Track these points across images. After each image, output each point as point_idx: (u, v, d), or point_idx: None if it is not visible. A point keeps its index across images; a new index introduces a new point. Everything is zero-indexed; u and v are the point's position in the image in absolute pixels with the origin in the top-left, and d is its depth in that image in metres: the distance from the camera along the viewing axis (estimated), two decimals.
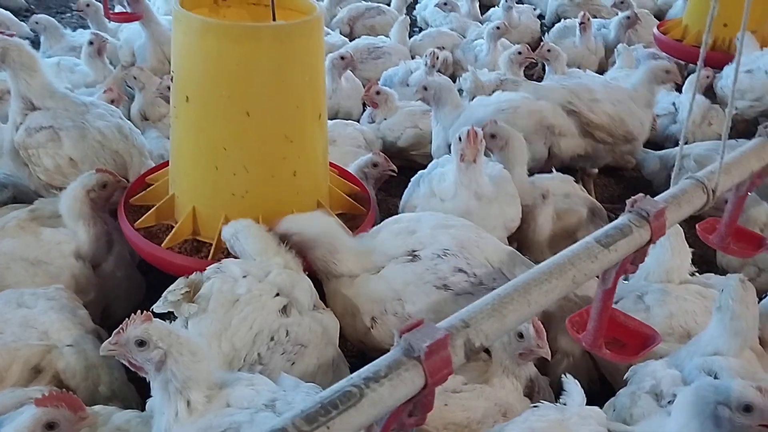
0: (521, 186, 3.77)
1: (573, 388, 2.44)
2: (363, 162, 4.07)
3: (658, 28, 6.81)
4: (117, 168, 3.82)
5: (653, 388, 2.57)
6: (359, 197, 3.83)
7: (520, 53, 5.92)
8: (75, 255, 3.35)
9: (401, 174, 4.22)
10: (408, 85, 5.79)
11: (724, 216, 2.54)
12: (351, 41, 6.89)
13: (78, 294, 3.20)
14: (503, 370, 2.74)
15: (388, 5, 8.18)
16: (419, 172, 3.92)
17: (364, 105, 5.46)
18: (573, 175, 4.88)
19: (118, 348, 2.25)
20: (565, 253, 1.70)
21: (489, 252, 3.13)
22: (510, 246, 3.77)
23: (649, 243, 1.87)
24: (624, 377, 2.75)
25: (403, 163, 4.72)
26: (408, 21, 7.54)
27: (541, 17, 8.70)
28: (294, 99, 3.21)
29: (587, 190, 4.92)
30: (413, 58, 6.55)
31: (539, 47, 6.12)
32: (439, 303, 2.96)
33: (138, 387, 2.81)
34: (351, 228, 3.48)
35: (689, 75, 5.99)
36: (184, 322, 2.68)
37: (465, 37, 7.24)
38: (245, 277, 2.78)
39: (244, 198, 3.26)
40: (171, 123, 3.41)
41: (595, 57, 7.08)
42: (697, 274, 3.31)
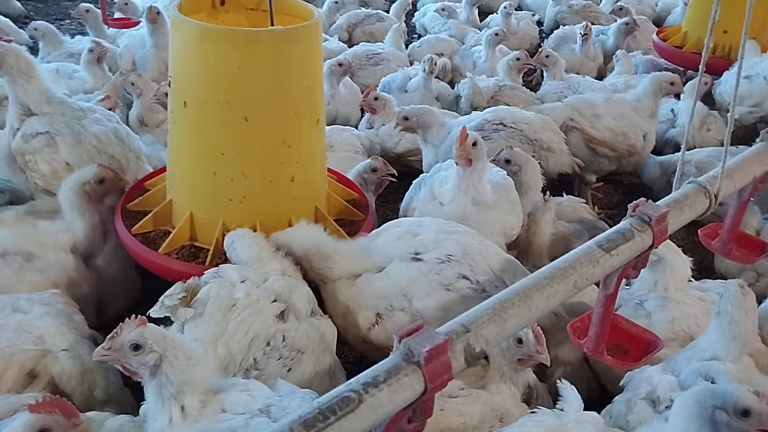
0: (527, 210, 3.80)
1: (570, 393, 2.43)
2: (362, 167, 4.06)
3: (657, 34, 6.82)
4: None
5: (649, 394, 2.56)
6: (357, 203, 3.82)
7: (518, 59, 5.95)
8: (70, 247, 3.38)
9: (399, 180, 4.20)
10: (406, 92, 5.79)
11: (726, 221, 2.53)
12: (350, 48, 6.90)
13: (70, 288, 3.23)
14: (501, 375, 2.72)
15: (387, 12, 8.21)
16: (421, 175, 3.94)
17: (362, 111, 5.46)
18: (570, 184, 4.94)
19: (111, 353, 2.23)
20: (567, 258, 1.68)
21: (491, 259, 3.14)
22: (510, 250, 3.79)
23: (651, 248, 1.85)
24: (620, 384, 2.74)
25: (402, 169, 4.70)
26: (404, 28, 7.58)
27: (540, 24, 8.74)
28: (292, 104, 3.20)
29: (585, 198, 4.94)
30: (412, 64, 6.56)
31: (538, 53, 6.13)
32: (447, 302, 2.97)
33: (134, 392, 2.79)
34: (349, 233, 3.48)
35: (688, 81, 6.00)
36: (180, 326, 2.67)
37: (463, 44, 7.26)
38: (243, 282, 2.77)
39: (241, 203, 3.25)
40: (169, 128, 3.40)
41: (594, 63, 7.10)
42: (693, 279, 3.31)
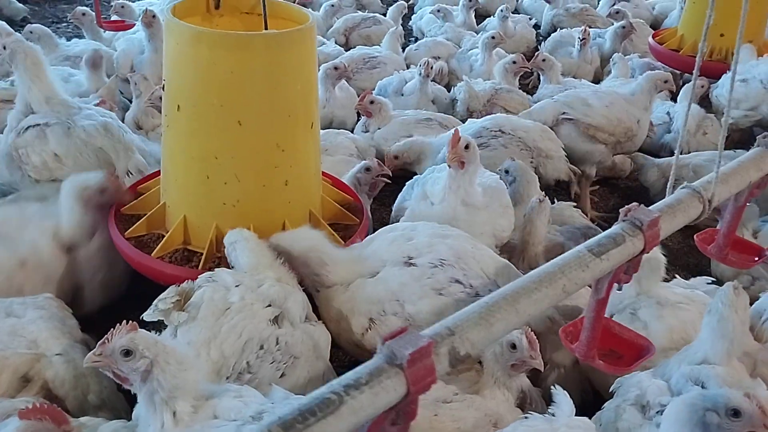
0: (521, 219, 3.82)
1: (562, 398, 2.43)
2: (357, 168, 4.06)
3: (653, 37, 6.83)
4: (102, 165, 3.88)
5: (638, 399, 2.56)
6: (352, 207, 3.81)
7: (514, 63, 5.96)
8: (52, 232, 3.41)
9: (395, 183, 4.21)
10: (402, 95, 5.80)
11: (722, 226, 2.52)
12: (347, 51, 6.90)
13: (39, 270, 3.28)
14: (494, 381, 2.72)
15: (384, 15, 8.22)
16: (415, 176, 3.96)
17: (358, 114, 5.46)
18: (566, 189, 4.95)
19: (102, 359, 2.22)
20: (556, 262, 1.67)
21: (485, 263, 3.14)
22: (509, 243, 3.84)
23: (643, 252, 1.84)
24: (610, 389, 2.73)
25: (397, 173, 4.70)
26: (400, 32, 7.59)
27: (537, 27, 8.75)
28: (286, 108, 3.20)
29: (583, 195, 4.95)
30: (408, 67, 6.56)
31: (534, 57, 6.14)
32: (440, 306, 2.96)
33: (127, 396, 2.77)
34: (344, 238, 3.48)
35: (685, 84, 6.01)
36: (173, 330, 2.66)
37: (460, 47, 7.25)
38: (238, 287, 2.77)
39: (235, 207, 3.25)
40: (162, 132, 3.40)
41: (591, 67, 7.10)
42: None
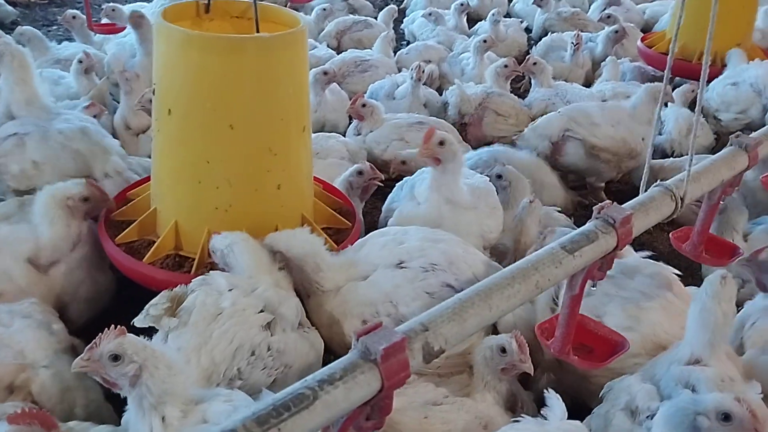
0: (510, 223, 3.85)
1: (555, 402, 2.43)
2: (349, 172, 4.07)
3: (642, 41, 6.87)
4: (80, 168, 3.84)
5: (628, 404, 2.54)
6: (344, 211, 3.81)
7: (506, 66, 5.96)
8: (27, 256, 3.27)
9: (388, 186, 4.21)
10: (394, 98, 5.81)
11: (696, 225, 2.56)
12: (338, 54, 6.91)
13: (18, 297, 3.10)
14: (485, 384, 2.73)
15: (375, 19, 8.25)
16: (404, 178, 3.99)
17: (350, 117, 5.46)
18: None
19: (90, 364, 2.21)
20: (530, 258, 1.70)
21: (477, 268, 3.15)
22: (500, 249, 3.88)
23: (616, 249, 1.88)
24: (600, 395, 2.72)
25: (389, 176, 4.73)
26: (392, 36, 7.60)
27: (529, 31, 8.76)
28: (278, 112, 3.21)
29: (598, 198, 4.99)
30: (400, 71, 6.56)
31: (525, 61, 6.16)
32: (432, 305, 2.96)
33: (115, 408, 2.73)
34: (336, 242, 3.48)
35: (676, 88, 6.05)
36: (164, 336, 2.65)
37: (452, 51, 7.27)
38: (231, 291, 2.75)
39: (227, 212, 3.24)
40: (153, 136, 3.38)
41: (582, 71, 7.14)
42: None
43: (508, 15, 9.23)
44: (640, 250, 3.35)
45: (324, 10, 8.12)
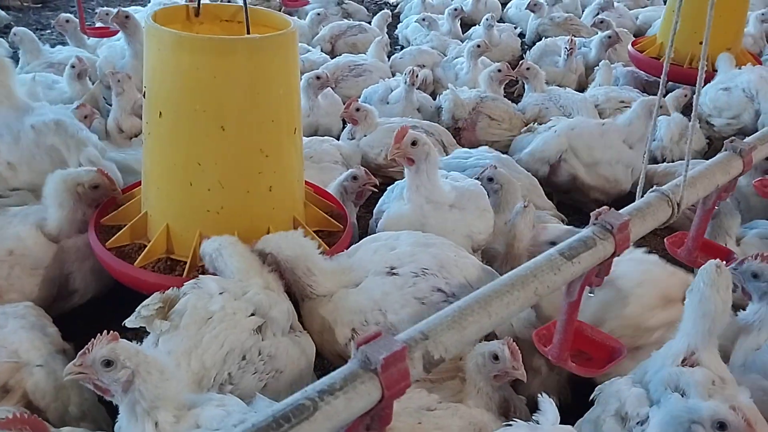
0: (502, 228, 3.86)
1: (547, 406, 2.41)
2: (343, 177, 4.06)
3: (632, 45, 6.89)
4: (56, 163, 3.84)
5: (618, 410, 2.52)
6: (335, 214, 3.81)
7: (499, 71, 5.98)
8: (36, 223, 3.44)
9: (381, 192, 4.19)
10: (388, 103, 5.81)
11: (690, 230, 2.55)
12: (332, 59, 6.91)
13: (27, 258, 3.32)
14: (477, 391, 2.71)
15: (369, 23, 8.25)
16: (397, 181, 3.99)
17: (343, 122, 5.46)
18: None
19: (83, 369, 2.20)
20: (528, 265, 1.69)
21: (468, 271, 3.14)
22: (491, 252, 3.87)
23: (613, 255, 1.86)
24: (590, 398, 2.70)
25: (384, 181, 4.71)
26: (386, 40, 7.62)
27: (522, 36, 8.79)
28: (269, 113, 3.20)
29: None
30: (393, 75, 6.57)
31: (518, 65, 6.17)
32: (422, 314, 2.91)
33: (109, 408, 2.74)
34: (328, 244, 3.47)
35: (668, 93, 6.06)
36: (156, 339, 2.64)
37: (445, 56, 7.29)
38: (221, 294, 2.74)
39: (219, 214, 3.23)
40: (143, 139, 3.38)
41: (575, 76, 7.16)
42: None
43: (501, 20, 9.27)
44: None
45: (318, 14, 8.14)
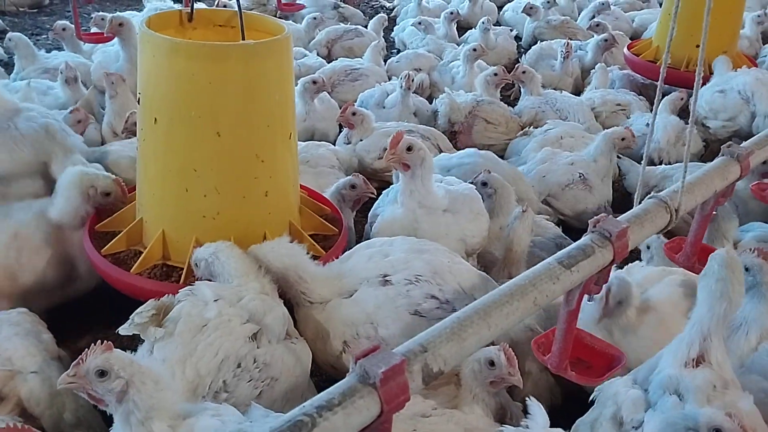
0: (498, 232, 3.86)
1: (537, 410, 2.41)
2: (341, 184, 4.05)
3: (628, 48, 6.90)
4: (41, 166, 3.88)
5: (615, 413, 2.50)
6: (330, 218, 3.80)
7: (496, 75, 5.98)
8: (40, 213, 3.49)
9: (378, 196, 4.19)
10: (384, 107, 5.80)
11: (689, 235, 2.54)
12: (329, 63, 6.90)
13: (30, 240, 3.42)
14: (473, 397, 2.70)
15: (365, 27, 8.24)
16: (391, 185, 3.99)
17: (340, 126, 5.45)
18: None
19: (77, 380, 2.19)
20: (527, 275, 1.67)
21: (462, 277, 3.12)
22: (488, 258, 3.85)
23: (612, 263, 1.85)
24: (589, 399, 2.69)
25: (380, 185, 4.70)
26: (382, 45, 7.61)
27: (518, 39, 8.80)
28: (265, 118, 3.20)
29: None
30: (390, 79, 6.57)
31: (514, 69, 6.17)
32: (413, 328, 2.92)
33: (103, 415, 2.72)
34: (324, 248, 3.47)
35: (664, 96, 6.06)
36: (151, 346, 2.62)
37: (442, 59, 7.28)
38: (216, 301, 2.73)
39: (215, 220, 3.22)
40: (138, 146, 3.36)
41: (571, 79, 7.17)
42: None
43: (497, 23, 9.27)
44: (629, 259, 3.32)
45: (314, 18, 8.12)
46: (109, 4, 9.53)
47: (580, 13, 9.42)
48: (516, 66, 6.26)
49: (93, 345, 2.22)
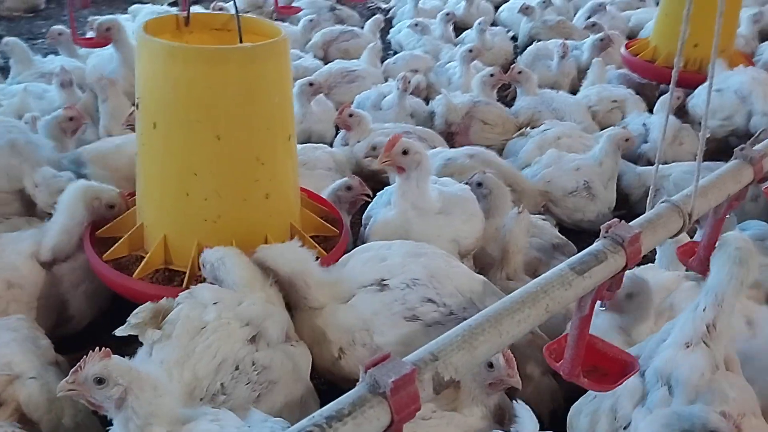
0: (494, 233, 3.83)
1: (525, 414, 2.40)
2: (338, 185, 4.05)
3: (626, 47, 6.90)
4: (12, 181, 3.83)
5: (612, 407, 2.50)
6: (330, 219, 3.80)
7: (492, 75, 5.97)
8: (31, 252, 3.39)
9: (374, 198, 4.18)
10: (381, 109, 5.80)
11: (702, 239, 2.52)
12: (325, 65, 6.89)
13: (26, 288, 3.30)
14: (472, 399, 2.68)
15: (362, 29, 8.23)
16: (386, 187, 3.98)
17: (336, 128, 5.45)
18: None
19: (75, 387, 2.18)
20: (538, 281, 1.65)
21: (459, 281, 3.11)
22: (486, 259, 3.84)
23: (625, 269, 1.84)
24: None
25: (376, 186, 4.68)
26: (379, 46, 7.60)
27: (515, 39, 8.80)
28: (264, 121, 3.20)
29: None
30: (386, 81, 6.57)
31: (510, 70, 6.16)
32: (409, 335, 2.92)
33: (102, 419, 2.70)
34: (325, 249, 3.47)
35: (661, 95, 6.07)
36: (149, 348, 2.62)
37: (438, 60, 7.29)
38: (215, 304, 2.72)
39: (216, 223, 3.21)
40: (137, 151, 3.35)
41: (568, 79, 7.17)
42: None
43: (494, 24, 9.27)
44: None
45: (311, 20, 8.14)
46: (105, 8, 9.49)
47: (576, 13, 9.43)
48: (512, 66, 6.26)
49: (91, 351, 2.21)
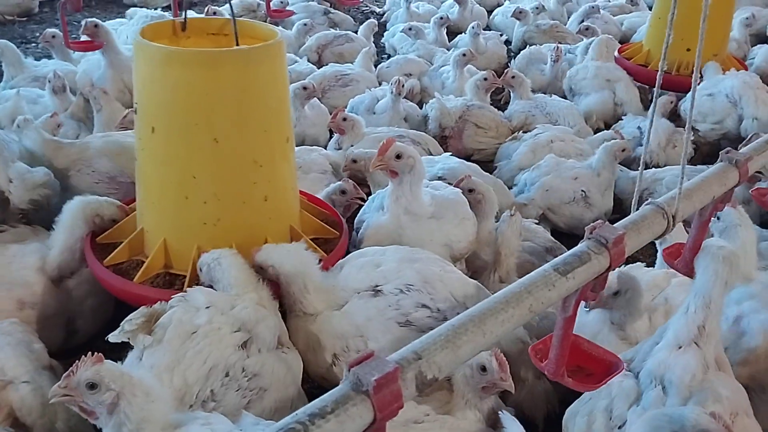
0: (486, 237, 3.86)
1: (510, 423, 2.41)
2: (331, 189, 4.06)
3: (619, 52, 6.93)
4: None
5: (608, 407, 2.52)
6: (330, 221, 3.80)
7: (485, 79, 5.99)
8: (38, 266, 3.39)
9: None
10: (374, 113, 5.81)
11: (687, 241, 2.55)
12: (319, 69, 6.91)
13: (37, 305, 3.29)
14: (465, 402, 2.70)
15: (356, 33, 8.26)
16: (378, 191, 3.98)
17: (330, 132, 5.46)
18: None
19: (68, 392, 2.18)
20: (522, 282, 1.67)
21: (453, 286, 3.12)
22: (478, 263, 3.85)
23: (609, 270, 1.86)
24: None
25: (371, 191, 4.70)
26: (373, 50, 7.63)
27: (508, 43, 8.83)
28: (262, 123, 3.21)
29: None
30: (380, 84, 6.58)
31: (504, 74, 6.19)
32: (403, 340, 2.89)
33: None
34: (325, 251, 3.47)
35: (653, 99, 6.09)
36: (140, 353, 2.62)
37: (432, 64, 7.30)
38: (208, 308, 2.72)
39: (216, 226, 3.22)
40: (136, 156, 3.35)
41: (561, 83, 7.17)
42: None
43: (487, 28, 9.30)
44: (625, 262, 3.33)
45: (305, 24, 8.14)
46: (99, 11, 9.51)
47: (569, 17, 9.47)
48: (506, 70, 6.28)
49: (83, 357, 2.22)
